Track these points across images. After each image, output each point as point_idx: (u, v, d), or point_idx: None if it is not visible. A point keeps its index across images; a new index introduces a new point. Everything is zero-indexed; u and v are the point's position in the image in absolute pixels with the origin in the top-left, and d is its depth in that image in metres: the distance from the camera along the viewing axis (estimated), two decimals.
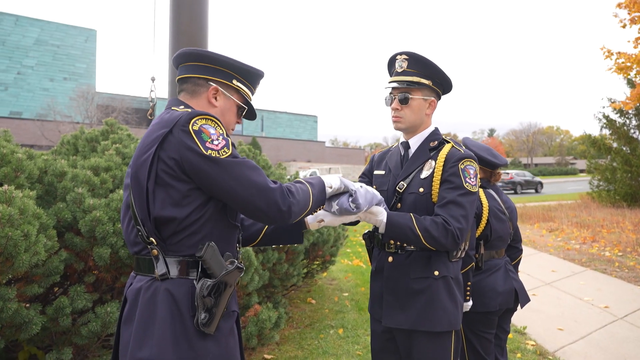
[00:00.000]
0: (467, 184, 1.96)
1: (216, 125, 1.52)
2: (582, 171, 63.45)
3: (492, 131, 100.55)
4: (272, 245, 1.98)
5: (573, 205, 16.90)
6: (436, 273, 1.98)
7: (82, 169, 3.31)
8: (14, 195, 2.48)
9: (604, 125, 16.76)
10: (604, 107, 17.35)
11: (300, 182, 1.66)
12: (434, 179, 2.01)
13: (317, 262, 5.58)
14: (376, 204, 1.88)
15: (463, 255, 2.09)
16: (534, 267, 7.74)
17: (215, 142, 1.48)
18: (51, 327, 2.73)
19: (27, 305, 2.78)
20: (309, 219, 1.87)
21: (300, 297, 5.88)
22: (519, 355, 4.17)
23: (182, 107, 1.63)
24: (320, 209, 1.75)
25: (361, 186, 1.84)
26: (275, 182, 1.54)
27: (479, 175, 2.06)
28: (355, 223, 2.35)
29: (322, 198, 1.72)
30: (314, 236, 4.86)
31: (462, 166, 1.99)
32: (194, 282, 1.49)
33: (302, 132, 55.91)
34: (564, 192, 28.07)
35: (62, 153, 4.35)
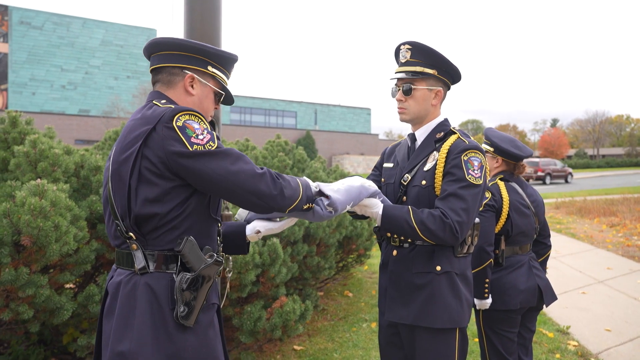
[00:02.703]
0: (470, 176, 1.89)
1: (200, 120, 1.53)
2: None
3: (555, 121, 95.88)
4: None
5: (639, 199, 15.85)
6: (438, 268, 1.93)
7: None
8: (46, 189, 2.63)
9: None
10: None
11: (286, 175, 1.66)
12: (436, 171, 1.95)
13: (352, 256, 5.57)
14: (369, 196, 1.85)
15: (471, 251, 2.02)
16: (588, 264, 7.35)
17: (200, 137, 1.48)
18: (82, 314, 2.89)
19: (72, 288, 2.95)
20: (247, 229, 1.85)
21: (337, 290, 5.90)
22: (557, 355, 3.99)
23: (164, 101, 1.62)
24: (308, 206, 1.69)
25: (342, 184, 1.79)
26: (262, 168, 1.54)
27: (486, 167, 1.98)
28: (365, 217, 2.32)
29: (310, 193, 1.68)
30: (347, 230, 4.85)
31: (466, 157, 1.92)
32: (174, 275, 1.51)
33: (355, 125, 55.78)
34: (631, 184, 26.37)
35: (105, 148, 4.57)
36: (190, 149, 1.46)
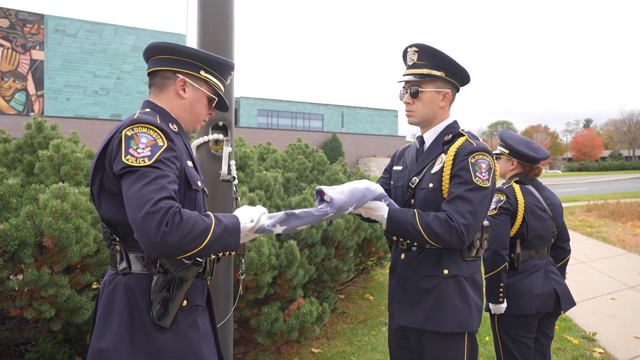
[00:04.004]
0: (477, 178, 1.86)
1: (157, 135, 1.49)
2: None
3: (588, 121, 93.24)
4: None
5: None
6: (445, 272, 1.91)
7: None
8: (67, 192, 2.71)
9: None
10: None
11: (207, 215, 1.48)
12: (443, 173, 1.94)
13: (372, 259, 5.55)
14: (374, 199, 1.85)
15: (480, 254, 1.99)
16: (619, 269, 7.12)
17: (138, 151, 1.43)
18: None
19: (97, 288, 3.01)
20: None
21: (358, 293, 5.88)
22: None
23: (148, 110, 1.64)
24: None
25: (348, 186, 1.80)
26: (166, 203, 1.35)
27: (495, 170, 1.95)
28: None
29: (230, 241, 1.48)
30: (367, 232, 4.83)
31: (473, 160, 1.89)
32: (154, 277, 1.52)
33: (382, 127, 55.46)
34: None
35: None
36: (123, 158, 1.43)
